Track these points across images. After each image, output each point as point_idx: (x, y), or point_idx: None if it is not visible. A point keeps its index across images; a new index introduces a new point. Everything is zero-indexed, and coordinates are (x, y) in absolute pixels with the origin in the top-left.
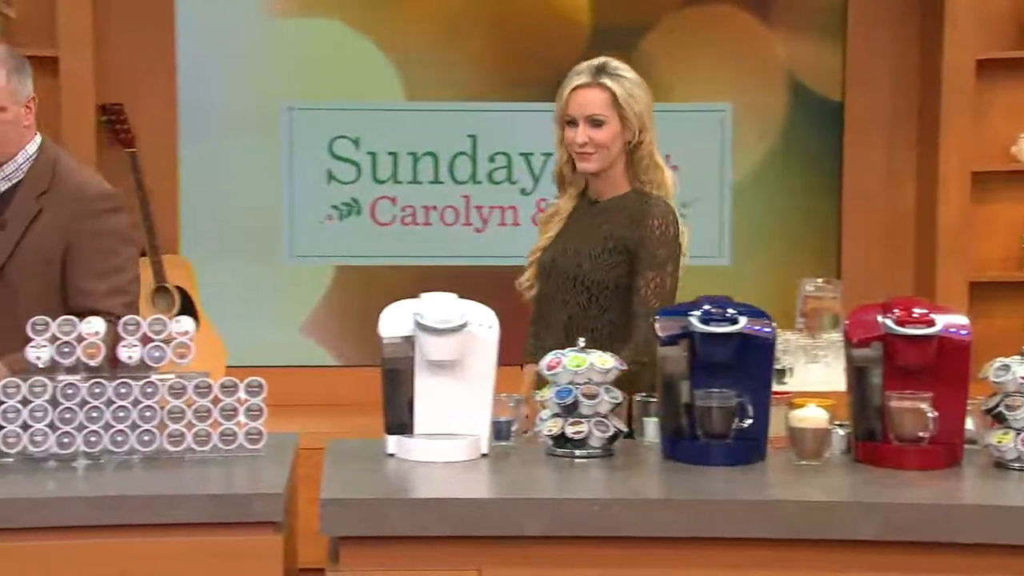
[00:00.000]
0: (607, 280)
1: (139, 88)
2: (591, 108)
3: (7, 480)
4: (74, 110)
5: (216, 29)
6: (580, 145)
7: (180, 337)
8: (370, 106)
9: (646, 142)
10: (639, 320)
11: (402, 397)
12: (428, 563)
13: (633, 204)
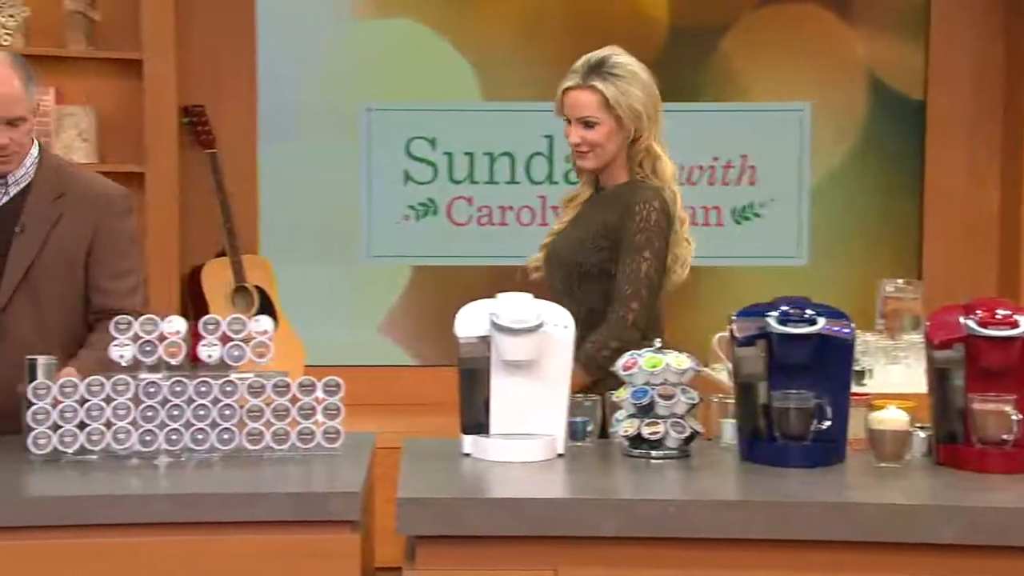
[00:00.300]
0: (588, 264)
1: (220, 90)
2: (582, 110)
3: (91, 477)
4: (157, 112)
5: (295, 31)
6: (575, 145)
7: (259, 336)
8: (447, 106)
9: (644, 137)
10: (614, 304)
11: (478, 397)
12: (504, 563)
13: (625, 192)
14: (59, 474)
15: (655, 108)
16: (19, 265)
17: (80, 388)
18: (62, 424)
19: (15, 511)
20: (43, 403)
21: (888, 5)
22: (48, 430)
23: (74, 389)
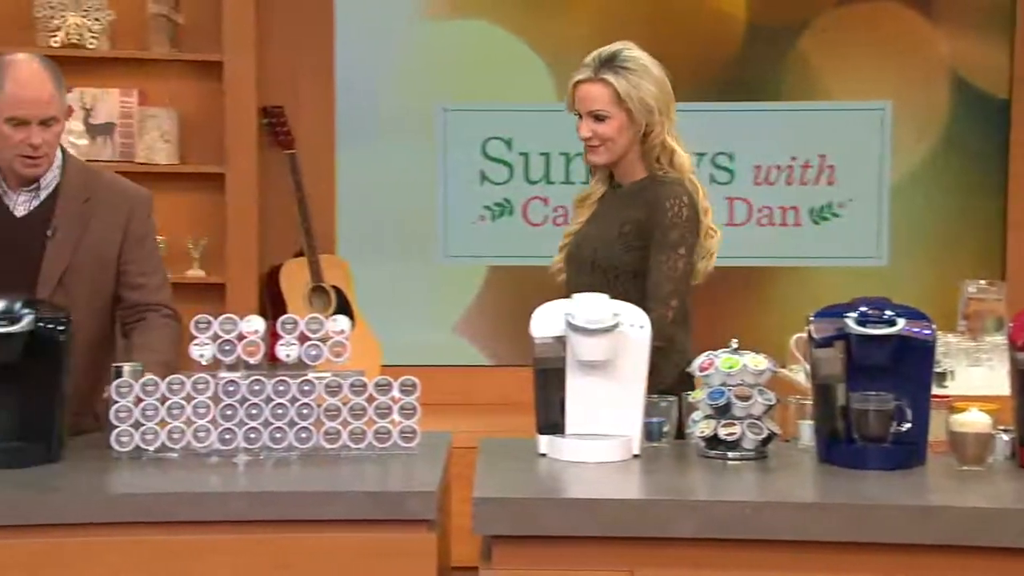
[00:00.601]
0: (622, 264)
1: (299, 91)
2: (592, 104)
3: (172, 475)
4: (237, 113)
5: (373, 32)
6: (585, 139)
7: (336, 336)
8: (523, 107)
9: (656, 131)
10: (651, 303)
11: (554, 397)
12: (580, 563)
13: (648, 189)
14: (141, 471)
15: (667, 103)
16: (54, 268)
17: (161, 387)
18: (143, 422)
19: (98, 507)
20: (125, 401)
21: (972, 3)
22: (130, 428)
23: (155, 387)
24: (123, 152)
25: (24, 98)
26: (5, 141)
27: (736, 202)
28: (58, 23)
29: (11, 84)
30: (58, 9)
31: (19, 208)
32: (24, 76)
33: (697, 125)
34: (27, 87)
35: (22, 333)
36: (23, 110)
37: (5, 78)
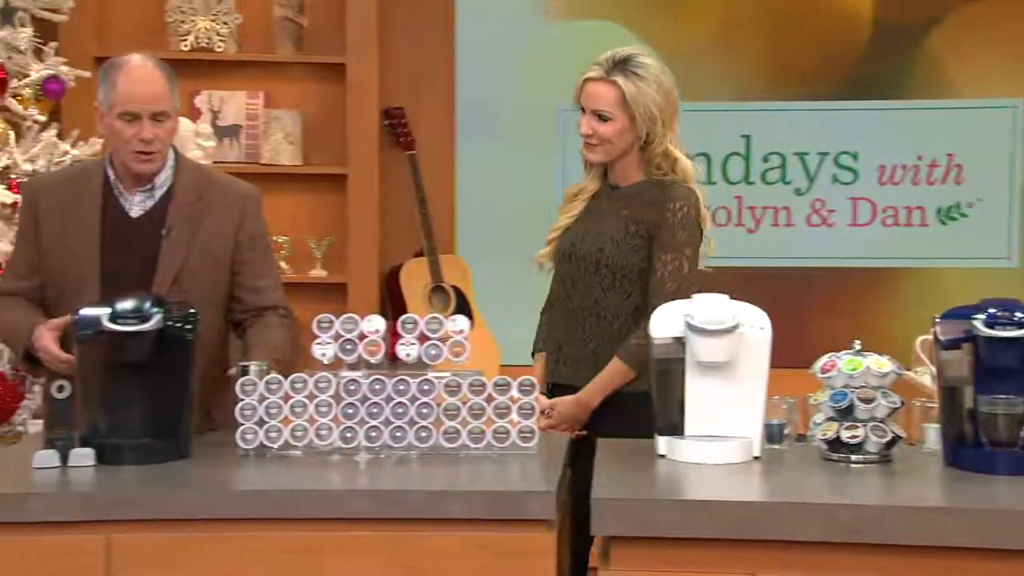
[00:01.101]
0: (630, 264)
1: (419, 92)
2: (597, 103)
3: (294, 473)
4: (359, 114)
5: (494, 33)
6: (585, 136)
7: (456, 336)
8: None
9: (657, 140)
10: (655, 300)
11: (673, 398)
12: (700, 566)
13: (652, 189)
14: (265, 468)
15: (672, 114)
16: (170, 267)
17: (284, 385)
18: (267, 420)
19: (225, 503)
20: (250, 399)
21: None
22: (255, 425)
23: (279, 386)
24: (248, 153)
25: (135, 92)
26: (118, 137)
27: (860, 202)
28: (188, 27)
29: (123, 80)
30: (188, 14)
31: (135, 209)
32: (136, 72)
33: (820, 124)
34: (138, 82)
35: (152, 332)
36: (135, 104)
37: (118, 75)
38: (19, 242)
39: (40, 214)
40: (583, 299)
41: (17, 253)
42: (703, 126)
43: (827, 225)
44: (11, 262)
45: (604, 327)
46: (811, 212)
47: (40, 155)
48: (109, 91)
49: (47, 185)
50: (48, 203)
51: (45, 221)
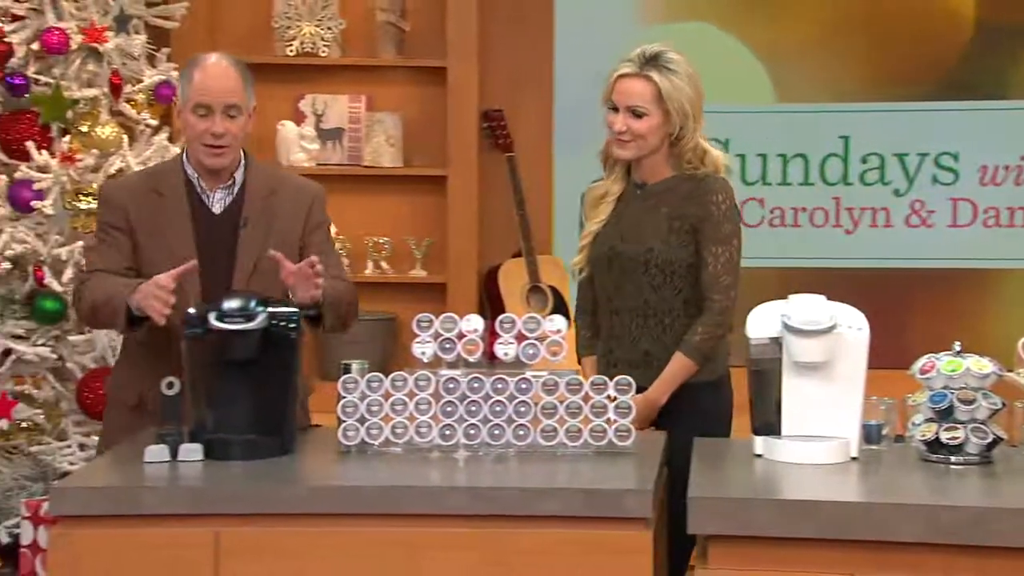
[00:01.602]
0: (679, 260)
1: (518, 94)
2: (632, 99)
3: (396, 469)
4: (459, 117)
5: (592, 36)
6: (618, 133)
7: (553, 335)
8: (740, 108)
9: (689, 136)
10: (712, 294)
11: (769, 398)
12: (798, 565)
13: (685, 184)
14: (366, 465)
15: (701, 108)
16: (248, 258)
17: (385, 383)
18: (368, 417)
19: (328, 499)
20: (352, 397)
21: None
22: (356, 423)
23: (380, 384)
24: (351, 156)
25: (210, 86)
26: (191, 131)
27: (960, 203)
28: (293, 32)
29: (199, 74)
30: (294, 19)
31: (216, 205)
32: (212, 68)
33: (920, 125)
34: (212, 76)
35: (257, 330)
36: (208, 97)
37: (195, 71)
38: (106, 242)
39: (131, 214)
40: (631, 300)
41: (107, 250)
42: (801, 127)
43: (927, 226)
44: (98, 260)
45: (653, 326)
46: (910, 213)
47: (152, 158)
48: (186, 86)
49: (131, 186)
50: (136, 203)
51: (137, 220)
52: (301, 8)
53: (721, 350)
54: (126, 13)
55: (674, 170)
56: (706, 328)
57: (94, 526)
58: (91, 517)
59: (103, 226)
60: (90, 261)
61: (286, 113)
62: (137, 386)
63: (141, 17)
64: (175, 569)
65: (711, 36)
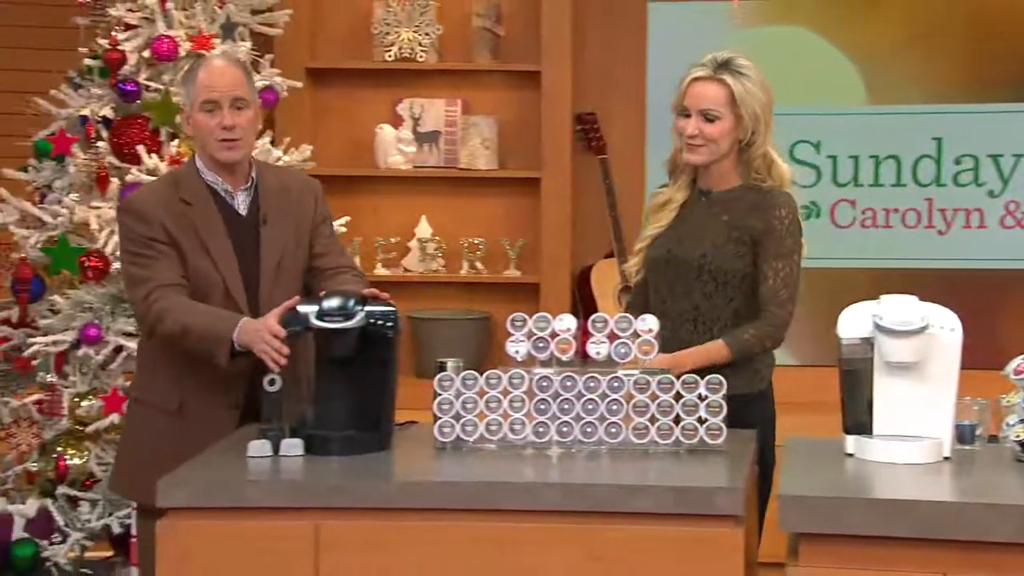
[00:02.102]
0: (733, 269)
1: (611, 97)
2: (705, 102)
3: (489, 465)
4: (552, 120)
5: (684, 40)
6: (690, 137)
7: (645, 335)
8: (832, 110)
9: (759, 142)
10: (770, 307)
11: (861, 397)
12: (890, 564)
13: (750, 195)
14: (462, 461)
15: (770, 114)
16: (273, 253)
17: (480, 381)
18: (464, 414)
19: (424, 493)
20: (447, 394)
21: None
22: (452, 419)
23: (475, 382)
24: (447, 158)
25: (215, 81)
26: (203, 129)
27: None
28: (392, 38)
29: (203, 73)
30: (393, 25)
31: (241, 207)
32: (214, 65)
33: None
34: (215, 72)
35: (355, 329)
36: (215, 92)
37: (199, 71)
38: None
39: (168, 226)
40: (682, 305)
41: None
42: (893, 129)
43: (1021, 227)
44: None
45: (702, 332)
46: (1005, 214)
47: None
48: (191, 87)
49: (158, 198)
50: (169, 214)
51: (175, 231)
52: (400, 15)
53: (767, 361)
54: (232, 21)
55: (741, 179)
56: (757, 332)
57: (200, 518)
58: (197, 509)
59: (146, 242)
60: (145, 277)
61: (384, 117)
62: (179, 392)
63: (246, 24)
64: (277, 560)
65: (804, 39)
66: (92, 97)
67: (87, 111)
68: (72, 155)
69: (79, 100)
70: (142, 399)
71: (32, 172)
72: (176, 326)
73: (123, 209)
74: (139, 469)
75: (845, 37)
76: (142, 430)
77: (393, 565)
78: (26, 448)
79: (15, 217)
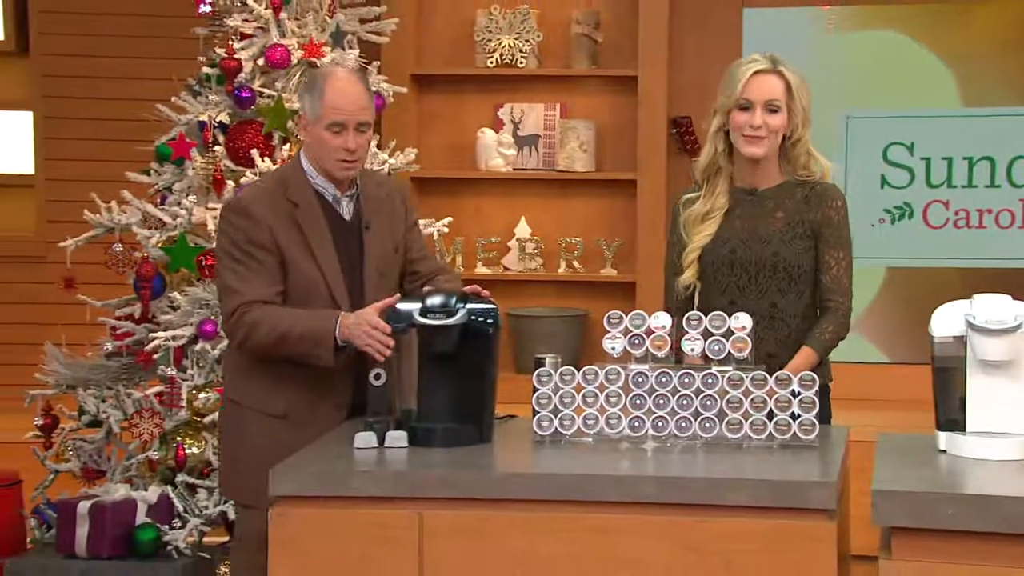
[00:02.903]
0: (804, 264)
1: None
2: (771, 93)
3: (586, 458)
4: (648, 123)
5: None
6: (754, 128)
7: (738, 332)
8: (926, 113)
9: (804, 138)
10: (836, 296)
11: (954, 394)
12: (983, 559)
13: (801, 190)
14: (559, 454)
15: (811, 111)
16: (375, 257)
17: (577, 376)
18: (561, 408)
19: (523, 485)
20: (546, 389)
21: None
22: (550, 414)
23: (572, 377)
24: (546, 161)
25: (342, 105)
26: (325, 146)
27: None
28: (494, 45)
29: (331, 92)
30: (494, 32)
31: (346, 213)
32: (342, 85)
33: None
34: (345, 95)
35: (457, 326)
36: (342, 115)
37: (325, 87)
38: (252, 268)
39: (274, 228)
40: (756, 304)
41: (256, 277)
42: (986, 130)
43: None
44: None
45: (779, 328)
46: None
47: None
48: (316, 102)
49: (266, 198)
50: (276, 215)
51: (280, 233)
52: (501, 22)
53: (827, 356)
54: (341, 30)
55: (785, 175)
56: (834, 327)
57: (309, 506)
58: (306, 498)
59: (247, 247)
60: (238, 290)
61: (486, 121)
62: (282, 397)
63: (355, 33)
64: (383, 547)
65: (899, 43)
66: (210, 103)
67: (205, 117)
68: (191, 159)
69: (198, 107)
70: (242, 403)
71: (153, 175)
72: (270, 337)
73: (229, 208)
74: (241, 470)
75: (938, 41)
76: (244, 433)
77: (493, 553)
78: (148, 437)
79: (138, 218)
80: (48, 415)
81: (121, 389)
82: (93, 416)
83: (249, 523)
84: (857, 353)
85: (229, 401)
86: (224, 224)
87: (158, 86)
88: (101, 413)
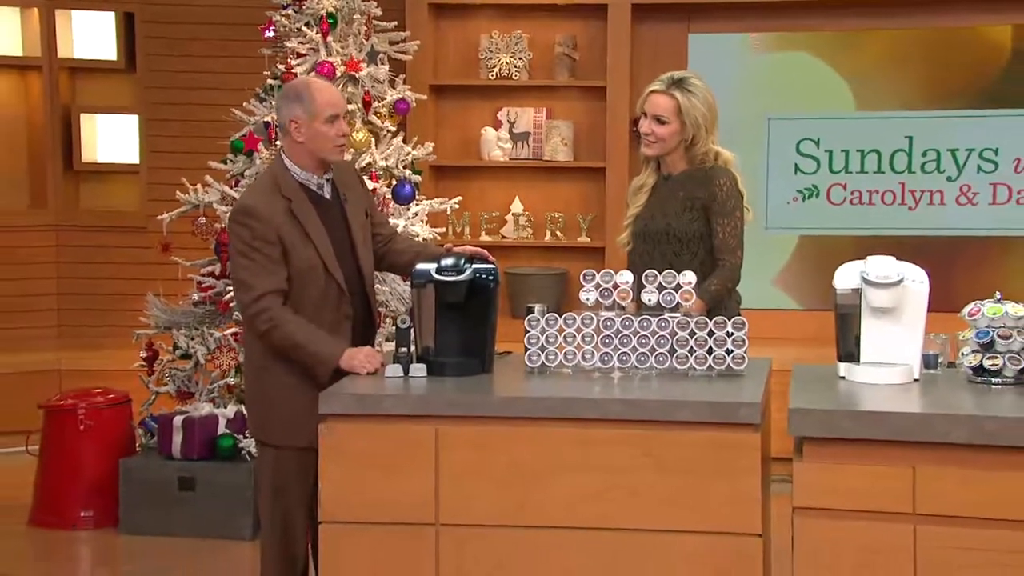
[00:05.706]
0: (691, 232)
1: None
2: (657, 110)
3: (567, 384)
4: (615, 123)
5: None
6: (645, 134)
7: (686, 286)
8: (829, 115)
9: (701, 143)
10: (724, 255)
11: (851, 334)
12: (872, 459)
13: (698, 173)
14: (545, 382)
15: (713, 121)
16: (358, 228)
17: (559, 321)
18: (547, 346)
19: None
20: (534, 331)
21: None
22: (537, 350)
23: (555, 321)
24: (534, 152)
25: (335, 100)
26: (324, 137)
27: (999, 187)
28: (494, 62)
29: (320, 93)
30: (495, 52)
31: (327, 193)
32: (325, 86)
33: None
34: (332, 92)
35: (465, 281)
36: (337, 107)
37: (313, 92)
38: (262, 263)
39: (277, 223)
40: (659, 266)
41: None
42: (874, 129)
43: (972, 204)
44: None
45: None
46: (959, 194)
47: (391, 155)
48: (310, 105)
49: (267, 198)
50: (276, 211)
51: (282, 227)
52: (500, 44)
53: (732, 299)
54: (375, 50)
55: (689, 165)
56: (720, 280)
57: (351, 422)
58: (348, 415)
59: (256, 243)
60: (251, 284)
61: (488, 121)
62: (307, 430)
63: (385, 52)
64: (408, 454)
65: (808, 62)
66: (273, 108)
67: (269, 118)
68: (258, 151)
69: (263, 110)
70: (276, 441)
71: (229, 164)
72: (285, 343)
73: (242, 212)
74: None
75: (838, 60)
76: (271, 469)
77: (493, 460)
78: (226, 367)
79: (217, 197)
80: (150, 349)
81: (205, 330)
82: (184, 350)
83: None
84: (776, 302)
85: (256, 366)
86: (235, 226)
87: (233, 94)
88: (190, 348)
